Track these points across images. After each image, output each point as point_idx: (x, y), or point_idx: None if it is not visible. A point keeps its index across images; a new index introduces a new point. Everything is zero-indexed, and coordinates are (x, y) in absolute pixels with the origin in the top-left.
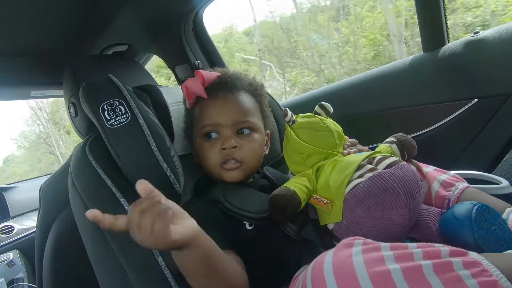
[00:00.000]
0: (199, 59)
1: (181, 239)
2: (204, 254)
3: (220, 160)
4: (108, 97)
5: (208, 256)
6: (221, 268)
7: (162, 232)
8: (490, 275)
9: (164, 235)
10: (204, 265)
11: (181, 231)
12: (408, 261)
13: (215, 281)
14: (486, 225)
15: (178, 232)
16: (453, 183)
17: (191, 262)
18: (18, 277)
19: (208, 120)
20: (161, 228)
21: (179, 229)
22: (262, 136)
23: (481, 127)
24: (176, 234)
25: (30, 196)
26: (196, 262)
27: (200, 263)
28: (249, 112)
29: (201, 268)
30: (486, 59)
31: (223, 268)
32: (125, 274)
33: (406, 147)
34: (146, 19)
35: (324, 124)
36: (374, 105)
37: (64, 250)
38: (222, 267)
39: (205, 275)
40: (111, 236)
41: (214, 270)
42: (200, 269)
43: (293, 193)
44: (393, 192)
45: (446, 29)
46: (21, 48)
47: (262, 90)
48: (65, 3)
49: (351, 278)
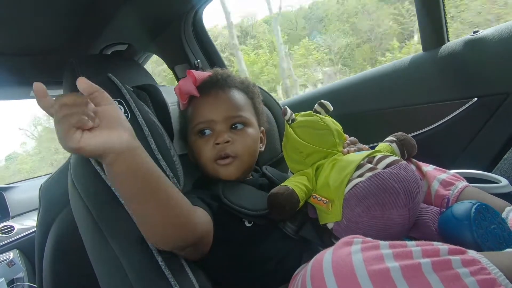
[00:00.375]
0: (199, 59)
1: (86, 149)
2: (136, 174)
3: (214, 155)
4: None
5: (143, 178)
6: (162, 197)
7: (61, 135)
8: (488, 273)
9: (61, 139)
10: (136, 187)
11: (91, 140)
12: (407, 259)
13: (154, 212)
14: (485, 224)
15: (85, 141)
16: (453, 182)
17: (119, 179)
18: (18, 277)
19: (201, 117)
20: (60, 132)
21: (88, 138)
22: (256, 132)
23: (480, 126)
24: (77, 143)
25: (30, 196)
26: (125, 181)
27: (132, 184)
28: (241, 108)
29: (132, 190)
30: (486, 58)
31: (165, 199)
32: (125, 273)
33: (406, 146)
34: (146, 18)
35: (323, 122)
36: (374, 103)
37: (64, 250)
38: (164, 196)
39: (140, 201)
40: (111, 236)
41: (151, 197)
42: (132, 190)
43: (292, 191)
44: (393, 191)
45: (446, 28)
46: (20, 48)
47: (254, 88)
48: (65, 2)
49: (350, 276)
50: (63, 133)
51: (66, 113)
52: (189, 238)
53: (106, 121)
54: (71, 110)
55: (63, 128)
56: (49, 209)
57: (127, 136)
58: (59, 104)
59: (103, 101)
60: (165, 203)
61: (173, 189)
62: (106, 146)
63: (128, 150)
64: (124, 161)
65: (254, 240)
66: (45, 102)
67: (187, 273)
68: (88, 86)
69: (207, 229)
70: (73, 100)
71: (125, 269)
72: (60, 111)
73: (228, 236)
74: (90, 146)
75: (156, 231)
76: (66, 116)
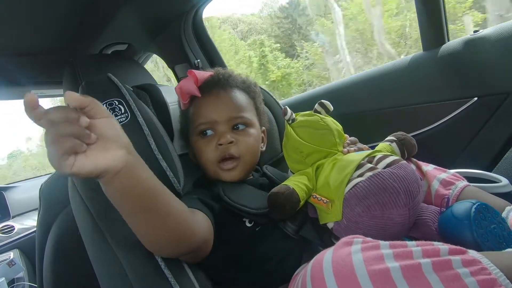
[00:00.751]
0: (199, 58)
1: (80, 172)
2: (132, 193)
3: (217, 156)
4: (108, 96)
5: (140, 196)
6: (160, 213)
7: (52, 160)
8: (489, 273)
9: (53, 163)
10: (131, 205)
11: (84, 163)
12: (407, 259)
13: (151, 227)
14: (485, 224)
15: (78, 164)
16: (453, 182)
17: (114, 197)
18: (18, 277)
19: (203, 118)
20: (52, 156)
21: (81, 161)
22: (258, 132)
23: (481, 125)
24: (70, 168)
25: (30, 196)
26: (121, 199)
27: (128, 202)
28: (243, 108)
29: (128, 207)
30: (486, 58)
31: (163, 215)
32: (125, 273)
33: (406, 145)
34: (146, 18)
35: (324, 122)
36: (374, 103)
37: (64, 249)
38: (162, 212)
39: (136, 218)
40: (111, 236)
41: (148, 214)
42: (128, 207)
43: (292, 191)
44: (393, 191)
45: (446, 27)
46: (20, 48)
47: (256, 87)
48: (65, 2)
49: (350, 276)
50: (55, 159)
51: (57, 135)
52: (188, 248)
53: (102, 138)
54: (62, 130)
55: (55, 154)
56: (49, 209)
57: (123, 154)
58: (47, 121)
59: (98, 114)
60: (162, 219)
61: (172, 203)
62: (101, 169)
63: (124, 169)
64: (119, 181)
65: (254, 240)
66: (35, 113)
67: (187, 274)
68: (79, 100)
69: (207, 236)
70: (64, 116)
71: (125, 269)
72: (50, 130)
73: (228, 236)
74: (84, 170)
75: (153, 243)
76: (58, 138)
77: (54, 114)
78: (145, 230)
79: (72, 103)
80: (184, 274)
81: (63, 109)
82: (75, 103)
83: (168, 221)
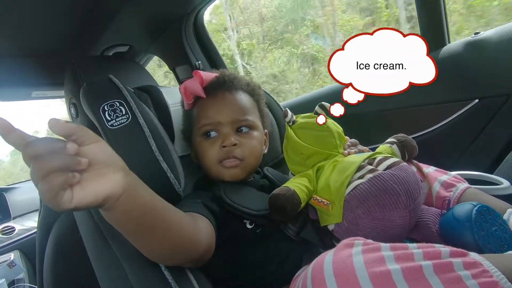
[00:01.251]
0: (200, 60)
1: (80, 205)
2: (132, 216)
3: (220, 158)
4: (109, 97)
5: (140, 217)
6: (161, 230)
7: (48, 199)
8: (490, 276)
9: (49, 202)
10: (131, 227)
11: (83, 196)
12: (408, 261)
13: (152, 244)
14: (486, 226)
15: (77, 197)
16: (454, 184)
17: (115, 221)
18: (18, 278)
19: (207, 119)
20: (47, 195)
21: (79, 194)
22: (261, 135)
23: (482, 127)
24: (69, 204)
25: (31, 197)
26: (121, 222)
27: (128, 224)
28: (248, 111)
29: (128, 228)
30: (487, 60)
31: (164, 231)
32: (126, 275)
33: (406, 147)
34: (147, 20)
35: (324, 124)
36: (374, 105)
37: (65, 251)
38: (163, 229)
39: (137, 237)
40: (112, 237)
41: (149, 233)
42: (128, 229)
43: (293, 192)
44: (394, 193)
45: (447, 29)
46: (22, 49)
47: (260, 90)
48: (66, 4)
49: (351, 279)
50: (50, 197)
51: (46, 170)
52: (192, 257)
53: (95, 164)
54: (51, 164)
55: (49, 193)
56: (50, 210)
57: (121, 176)
58: (31, 156)
59: (87, 140)
60: (166, 235)
61: (175, 218)
62: (102, 197)
63: (125, 193)
64: (121, 206)
65: (255, 242)
66: (13, 137)
67: (187, 275)
68: (64, 129)
69: (210, 243)
70: (49, 148)
71: (125, 271)
72: (37, 165)
73: (229, 237)
74: (85, 202)
75: (158, 257)
76: (47, 174)
77: (37, 147)
78: (148, 247)
79: (57, 132)
80: (184, 276)
81: (46, 140)
82: (60, 132)
83: (171, 236)
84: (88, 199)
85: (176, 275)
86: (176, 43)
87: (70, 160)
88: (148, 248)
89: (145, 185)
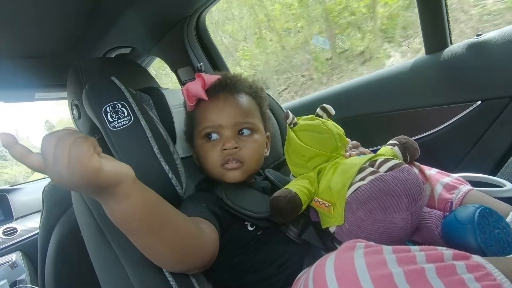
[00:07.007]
0: (202, 62)
1: (106, 172)
2: (142, 208)
3: (221, 161)
4: (111, 99)
5: (148, 210)
6: (168, 226)
7: (80, 158)
8: (494, 279)
9: (82, 162)
10: (143, 221)
11: (108, 163)
12: (410, 264)
13: (162, 242)
14: (489, 229)
15: (104, 163)
16: (456, 186)
17: (126, 215)
18: (20, 279)
19: (209, 121)
20: (79, 154)
21: (105, 161)
22: (263, 137)
23: (484, 129)
24: (99, 163)
25: (33, 198)
26: (132, 216)
27: (138, 218)
28: (250, 113)
29: (144, 224)
30: (489, 62)
31: (171, 227)
32: (127, 276)
33: (408, 149)
34: (149, 22)
35: (325, 126)
36: (376, 107)
37: (66, 252)
38: (170, 225)
39: (147, 234)
40: (113, 238)
41: (158, 227)
42: (138, 225)
43: (294, 195)
44: (395, 195)
45: (448, 31)
46: (25, 51)
47: (262, 92)
48: (69, 6)
49: (353, 281)
50: (82, 153)
51: (74, 137)
52: (197, 263)
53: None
54: (76, 134)
55: (83, 148)
56: (52, 211)
57: (128, 166)
58: (54, 138)
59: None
60: (171, 235)
61: (180, 222)
62: (122, 173)
63: (135, 179)
64: (135, 192)
65: (256, 244)
66: (18, 151)
67: (188, 277)
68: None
69: (215, 248)
70: (65, 131)
71: (127, 273)
72: (67, 135)
73: (230, 239)
74: (110, 167)
75: (160, 259)
76: (76, 140)
77: (59, 132)
78: (154, 247)
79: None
80: (184, 277)
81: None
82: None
83: (179, 238)
84: (112, 167)
85: (177, 277)
86: (178, 45)
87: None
88: (153, 250)
89: (150, 189)
